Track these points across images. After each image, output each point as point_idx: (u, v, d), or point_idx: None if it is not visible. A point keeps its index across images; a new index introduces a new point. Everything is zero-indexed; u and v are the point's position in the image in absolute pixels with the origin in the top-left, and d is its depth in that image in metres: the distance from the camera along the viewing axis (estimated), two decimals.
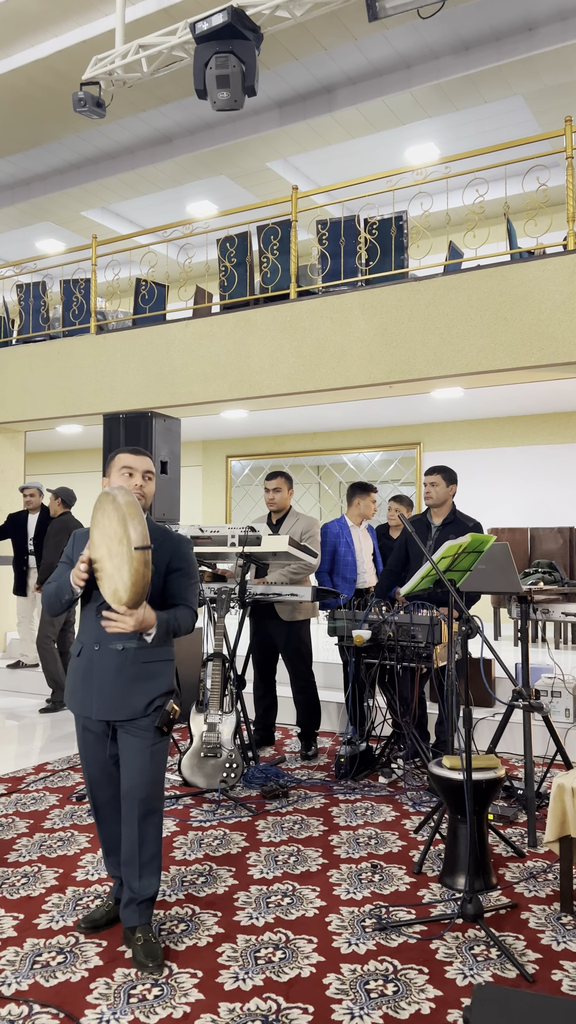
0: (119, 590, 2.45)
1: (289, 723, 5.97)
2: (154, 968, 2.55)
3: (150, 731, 2.67)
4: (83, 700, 2.70)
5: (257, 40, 5.09)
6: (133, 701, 2.66)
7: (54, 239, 11.46)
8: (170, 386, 7.17)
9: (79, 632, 2.77)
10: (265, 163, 8.89)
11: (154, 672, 2.71)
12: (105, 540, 2.51)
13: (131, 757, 2.67)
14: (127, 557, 2.40)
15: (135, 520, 2.40)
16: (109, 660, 2.66)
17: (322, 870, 3.35)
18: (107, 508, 2.50)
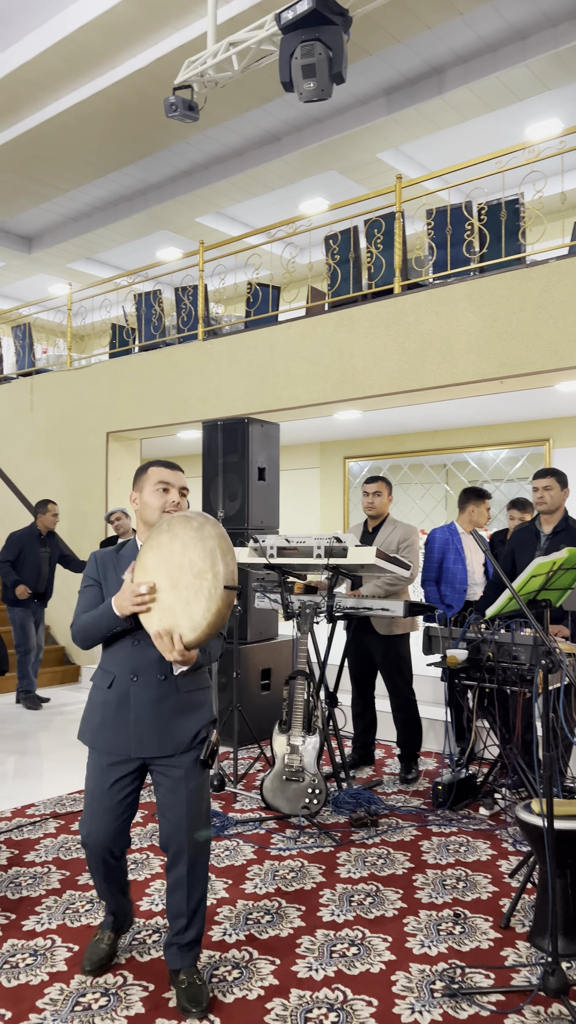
0: (180, 626, 2.28)
1: (392, 740, 5.68)
2: (197, 1014, 2.40)
3: (194, 766, 2.48)
4: (115, 737, 2.48)
5: (345, 24, 4.84)
6: (178, 734, 2.47)
7: (172, 247, 11.63)
8: (273, 390, 7.03)
9: (105, 661, 2.55)
10: (375, 154, 8.60)
11: (198, 701, 2.54)
12: (168, 568, 2.31)
13: (176, 798, 2.47)
14: (207, 593, 2.24)
15: (229, 555, 2.25)
16: (149, 691, 2.47)
17: (398, 916, 3.07)
18: (179, 533, 2.31)
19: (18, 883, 3.38)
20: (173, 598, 2.30)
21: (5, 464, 9.51)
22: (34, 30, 6.90)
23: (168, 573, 2.32)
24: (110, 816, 2.50)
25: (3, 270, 12.09)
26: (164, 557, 2.33)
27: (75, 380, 8.77)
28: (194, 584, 2.26)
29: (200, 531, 2.28)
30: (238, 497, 5.87)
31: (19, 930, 2.97)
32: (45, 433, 9.06)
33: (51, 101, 7.61)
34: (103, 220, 10.38)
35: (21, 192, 9.43)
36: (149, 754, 2.47)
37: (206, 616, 2.24)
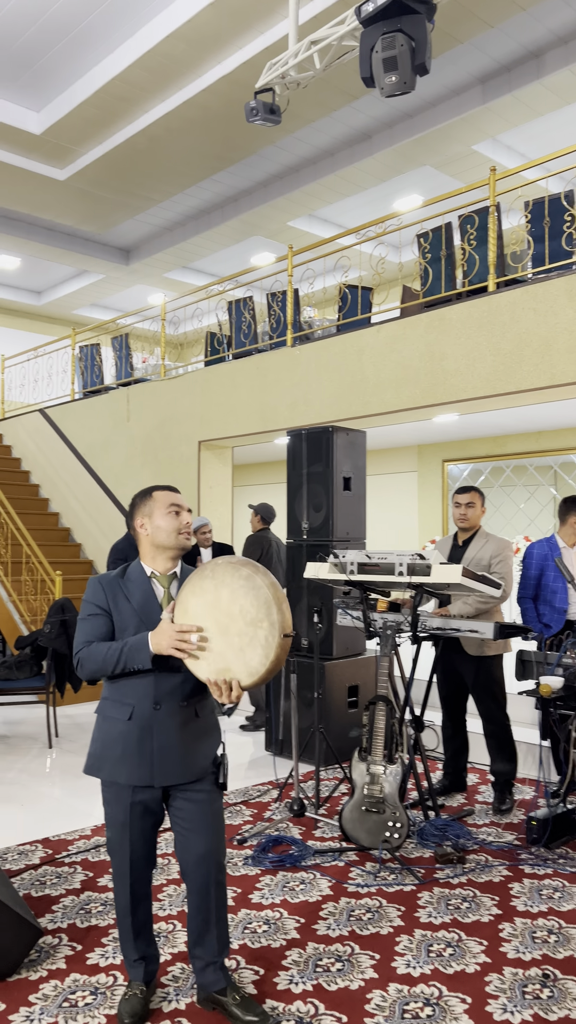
0: (236, 672, 2.31)
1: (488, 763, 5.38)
2: (261, 1021, 2.44)
3: (213, 788, 2.51)
4: (137, 767, 2.43)
5: (429, 12, 4.59)
6: (200, 759, 2.50)
7: (266, 252, 11.58)
8: (362, 395, 6.83)
9: (121, 692, 2.46)
10: (471, 146, 8.25)
11: (212, 725, 2.59)
12: (216, 614, 2.34)
13: (199, 821, 2.48)
14: (264, 641, 2.29)
15: (284, 604, 2.30)
16: (173, 719, 2.45)
17: (480, 972, 2.83)
18: (226, 580, 2.34)
19: (88, 910, 3.33)
20: (224, 645, 2.33)
21: (104, 473, 9.69)
22: (120, 46, 6.96)
23: (216, 619, 2.34)
24: (139, 844, 2.51)
25: (103, 282, 12.36)
26: (210, 603, 2.35)
27: (168, 390, 8.83)
28: (248, 632, 2.31)
29: (250, 580, 2.32)
30: (323, 508, 5.70)
31: (83, 963, 2.90)
32: (140, 442, 9.17)
33: (140, 114, 7.66)
34: (196, 229, 10.43)
35: (116, 205, 9.58)
36: (172, 781, 2.46)
37: (264, 663, 2.29)
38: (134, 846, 2.49)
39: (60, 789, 4.98)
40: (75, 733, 6.43)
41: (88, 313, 14.25)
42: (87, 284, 12.56)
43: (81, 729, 6.57)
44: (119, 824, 2.49)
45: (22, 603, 8.32)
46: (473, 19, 6.15)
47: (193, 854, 2.48)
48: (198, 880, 2.49)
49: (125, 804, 2.47)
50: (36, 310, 14.05)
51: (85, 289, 12.77)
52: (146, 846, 2.52)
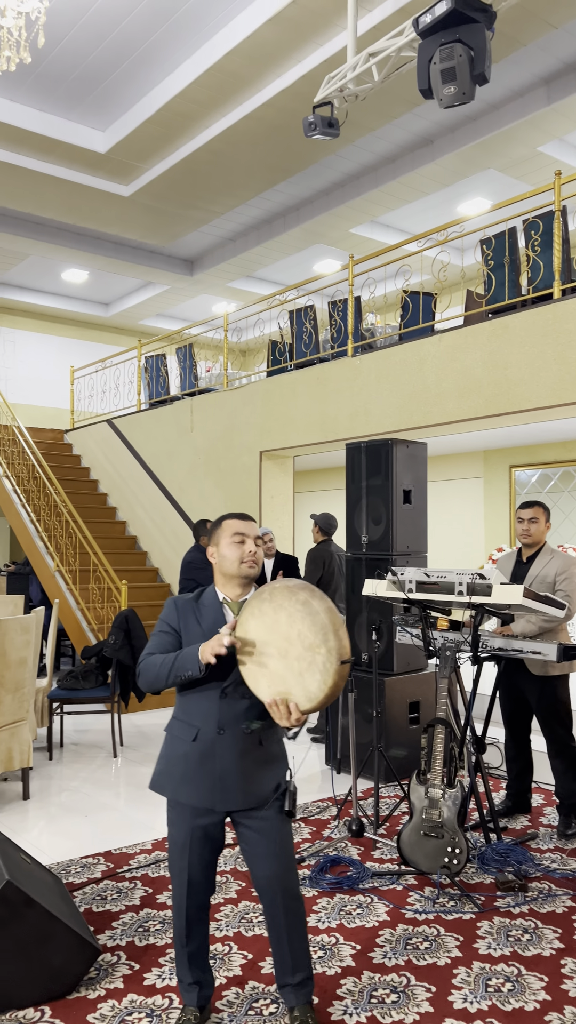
0: (295, 695, 2.34)
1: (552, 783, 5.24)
2: None
3: (278, 816, 2.53)
4: (199, 790, 2.49)
5: (488, 20, 4.51)
6: (262, 786, 2.53)
7: (329, 259, 11.56)
8: (423, 405, 6.75)
9: (188, 713, 2.53)
10: (536, 148, 8.07)
11: (277, 753, 2.61)
12: (275, 637, 2.37)
13: (263, 847, 2.52)
14: (322, 666, 2.30)
15: (341, 630, 2.31)
16: (234, 744, 2.50)
17: (539, 1011, 2.76)
18: (284, 604, 2.37)
19: (147, 928, 3.38)
20: (284, 668, 2.36)
21: (168, 482, 9.83)
22: (180, 64, 7.05)
23: (276, 642, 2.38)
24: (199, 866, 2.55)
25: (168, 293, 12.55)
26: (269, 626, 2.39)
27: (230, 400, 8.90)
28: (306, 657, 2.33)
29: (307, 605, 2.33)
30: (382, 521, 5.66)
31: (140, 983, 2.95)
32: (204, 452, 9.27)
33: (201, 129, 7.75)
34: (259, 238, 10.49)
35: (179, 219, 9.71)
36: (233, 807, 2.50)
37: (322, 689, 2.31)
38: (192, 869, 2.54)
39: (123, 800, 5.07)
40: (140, 742, 6.53)
41: (154, 323, 14.49)
42: (152, 295, 12.77)
43: (146, 737, 6.67)
44: (179, 845, 2.55)
45: (89, 611, 8.51)
46: (536, 21, 6.01)
47: (259, 879, 2.54)
48: (266, 903, 2.56)
49: (187, 827, 2.53)
50: (104, 321, 14.35)
51: (151, 300, 12.98)
52: (204, 871, 2.57)
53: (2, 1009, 2.77)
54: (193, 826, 2.52)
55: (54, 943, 2.84)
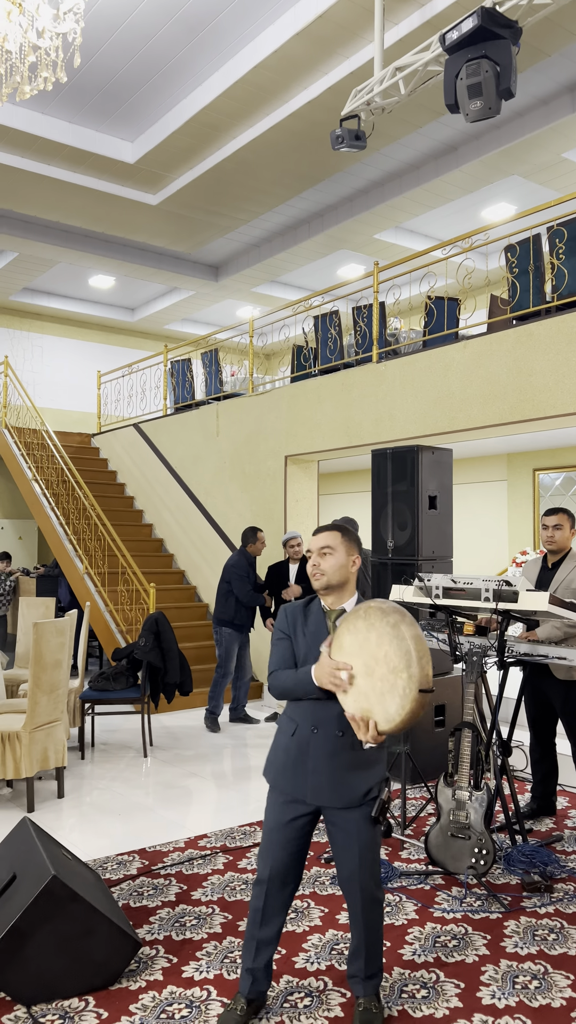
0: (375, 714, 2.44)
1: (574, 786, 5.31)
2: None
3: (365, 820, 2.65)
4: (294, 780, 2.68)
5: (514, 36, 4.59)
6: (350, 789, 2.65)
7: (353, 264, 11.65)
8: (447, 411, 6.83)
9: (291, 709, 2.74)
10: (560, 155, 8.12)
11: (371, 760, 2.68)
12: (365, 656, 2.48)
13: (347, 846, 2.68)
14: (402, 691, 2.39)
15: (425, 659, 2.39)
16: (326, 744, 2.65)
17: (566, 1008, 2.85)
18: (375, 623, 2.47)
19: (183, 923, 3.50)
20: (368, 686, 2.47)
21: (194, 486, 9.97)
22: (209, 77, 7.18)
23: (364, 660, 2.48)
24: (285, 852, 2.70)
25: (193, 298, 12.69)
26: (360, 643, 2.50)
27: (256, 405, 9.02)
28: (389, 679, 2.43)
29: (396, 629, 2.44)
30: (408, 527, 5.75)
31: (179, 976, 3.06)
32: (229, 457, 9.40)
33: (228, 140, 7.88)
34: (284, 244, 10.60)
35: (205, 226, 9.85)
36: (322, 803, 2.66)
37: (400, 713, 2.40)
38: (276, 856, 2.70)
39: (154, 799, 5.20)
40: (168, 742, 6.67)
41: (179, 328, 14.65)
42: (178, 300, 12.92)
43: (174, 737, 6.81)
44: (270, 829, 2.73)
45: (118, 613, 8.66)
46: (560, 31, 6.07)
47: (341, 875, 2.71)
48: (348, 899, 2.72)
49: (278, 813, 2.72)
50: (130, 326, 14.53)
51: (176, 305, 13.14)
52: (289, 859, 2.70)
53: (48, 999, 2.90)
54: (285, 814, 2.70)
55: (97, 937, 2.96)
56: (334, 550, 2.67)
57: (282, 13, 6.26)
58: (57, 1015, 2.82)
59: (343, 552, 2.68)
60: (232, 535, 9.24)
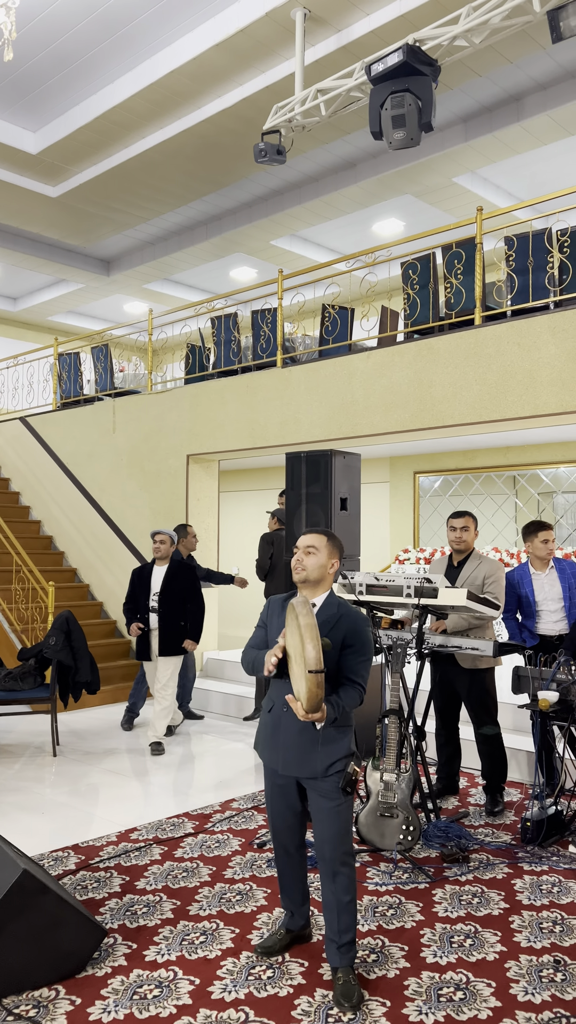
0: (299, 691, 2.74)
1: (475, 767, 5.77)
2: (348, 1009, 2.83)
3: (335, 791, 2.95)
4: (272, 753, 3.04)
5: (434, 73, 4.95)
6: (314, 762, 2.95)
7: (246, 267, 11.86)
8: (352, 417, 7.18)
9: (270, 689, 3.09)
10: (451, 179, 8.66)
11: (333, 737, 2.98)
12: (291, 644, 2.82)
13: (318, 815, 2.98)
14: (302, 674, 2.66)
15: (313, 642, 2.64)
16: (293, 722, 2.97)
17: (499, 960, 3.19)
18: (291, 619, 2.79)
19: (134, 911, 3.61)
20: (296, 671, 2.80)
21: (88, 482, 9.87)
22: (121, 76, 7.18)
23: (292, 649, 2.81)
24: (277, 813, 3.12)
25: (82, 291, 12.49)
26: (290, 635, 2.84)
27: (156, 403, 9.06)
28: (299, 664, 2.74)
29: (297, 620, 2.72)
30: (320, 526, 6.02)
31: (142, 960, 3.19)
32: (127, 454, 9.38)
33: (137, 139, 7.89)
34: (180, 244, 10.66)
35: (103, 221, 9.76)
36: (291, 773, 3.00)
37: (302, 692, 2.71)
38: (273, 819, 3.15)
39: (74, 796, 5.22)
40: (74, 740, 6.65)
41: (63, 320, 14.35)
42: (65, 292, 12.67)
43: (80, 737, 6.78)
44: (267, 796, 3.16)
45: (12, 612, 8.47)
46: (464, 69, 6.54)
47: (317, 841, 2.99)
48: (322, 865, 3.00)
49: (268, 780, 3.13)
50: (11, 316, 14.09)
51: (63, 297, 12.88)
52: (283, 821, 3.13)
53: (18, 991, 2.95)
54: (272, 783, 3.10)
55: (65, 927, 3.04)
56: (318, 550, 2.95)
57: (202, 22, 6.38)
58: (31, 1005, 2.88)
59: (325, 554, 2.99)
60: (130, 533, 9.24)
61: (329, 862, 2.96)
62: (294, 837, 3.16)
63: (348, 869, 2.98)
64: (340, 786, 2.93)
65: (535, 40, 6.11)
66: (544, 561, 5.23)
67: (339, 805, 2.96)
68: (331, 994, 2.94)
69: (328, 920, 2.99)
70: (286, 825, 3.15)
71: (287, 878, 3.23)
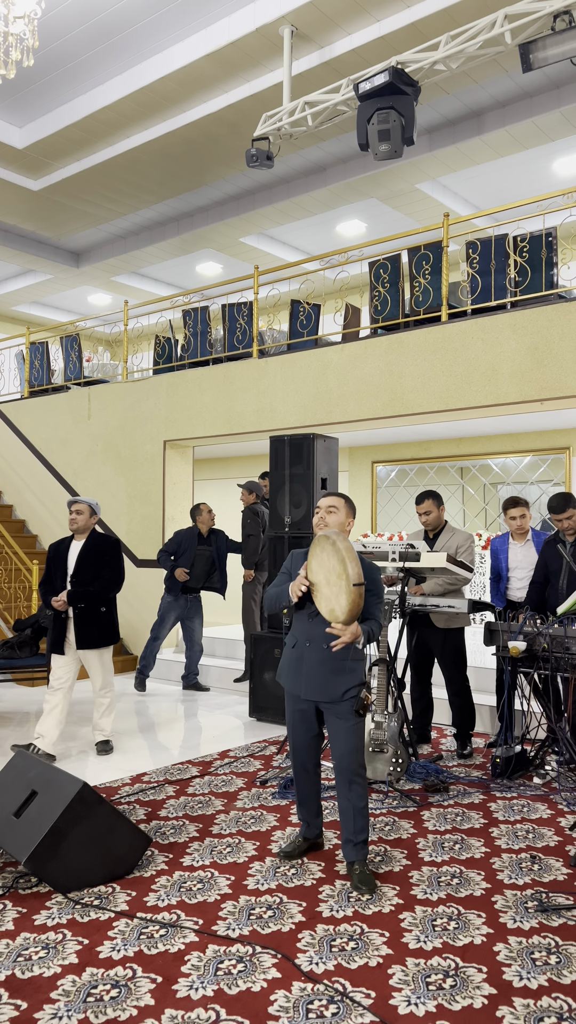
0: (336, 610, 3.26)
1: (443, 723, 6.38)
2: (366, 891, 3.36)
3: (349, 713, 3.47)
4: (294, 681, 3.56)
5: (415, 93, 5.51)
6: (333, 688, 3.48)
7: (213, 262, 12.28)
8: (326, 405, 7.71)
9: (292, 628, 3.59)
10: (414, 185, 9.26)
11: (349, 667, 3.50)
12: (323, 570, 3.30)
13: (335, 733, 3.49)
14: (345, 589, 3.18)
15: (353, 562, 3.19)
16: (315, 655, 3.51)
17: (485, 857, 3.77)
18: (326, 547, 3.28)
19: (163, 832, 4.07)
20: (329, 592, 3.31)
21: (63, 468, 10.18)
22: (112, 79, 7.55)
23: (324, 574, 3.33)
24: (297, 734, 3.63)
25: (49, 282, 12.73)
26: (320, 563, 3.35)
27: (131, 391, 9.44)
28: (338, 583, 3.28)
29: (334, 546, 3.28)
30: (302, 505, 6.55)
31: (181, 866, 3.66)
32: (102, 440, 9.73)
33: (122, 139, 8.27)
34: (151, 239, 11.03)
35: (80, 215, 10.08)
36: (313, 698, 3.51)
37: (348, 604, 3.26)
38: (294, 740, 3.65)
39: (80, 751, 5.63)
40: (71, 707, 7.02)
41: (27, 310, 14.52)
42: (32, 283, 12.89)
43: (72, 703, 7.16)
44: (288, 721, 3.65)
45: None
46: (433, 88, 7.13)
47: (335, 756, 3.48)
48: (339, 776, 3.48)
49: (292, 707, 3.63)
50: None
51: (29, 288, 13.09)
52: (303, 742, 3.63)
53: (80, 887, 3.40)
54: (294, 708, 3.61)
55: (118, 834, 3.49)
56: (338, 510, 3.49)
57: (195, 32, 6.82)
58: (94, 897, 3.34)
59: (344, 512, 3.55)
60: (105, 516, 9.59)
61: (346, 773, 3.47)
62: (312, 756, 3.68)
63: (361, 780, 3.49)
64: (354, 708, 3.46)
65: (500, 65, 6.74)
66: (520, 534, 5.81)
67: (354, 725, 3.48)
68: (347, 884, 3.46)
69: (344, 824, 3.49)
70: (306, 745, 3.65)
71: (304, 793, 3.74)
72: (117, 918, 3.17)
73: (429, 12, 6.14)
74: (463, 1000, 2.62)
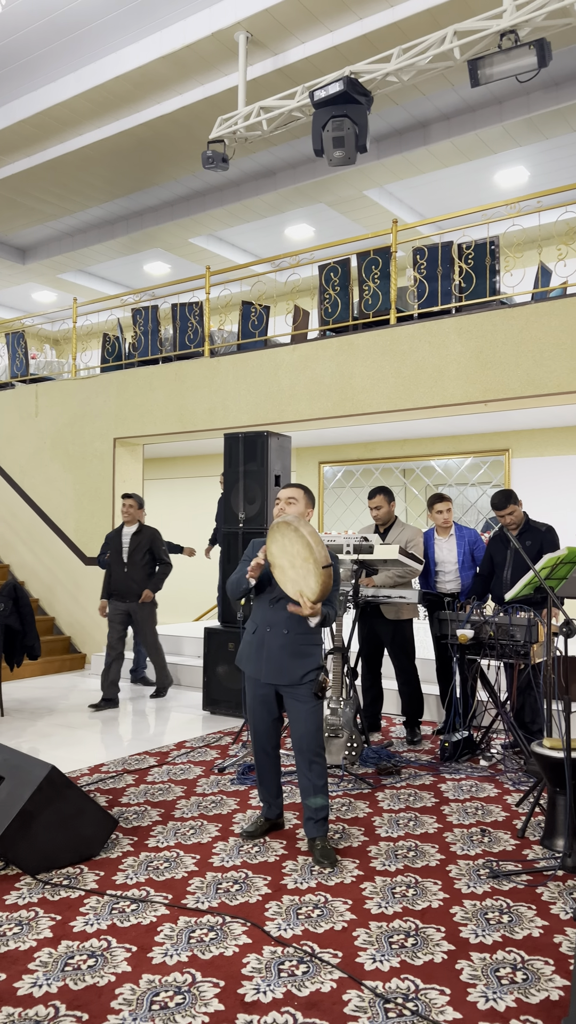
0: (305, 591, 3.39)
1: (391, 712, 6.58)
2: (328, 864, 3.52)
3: (308, 696, 3.62)
4: (255, 666, 3.69)
5: (368, 103, 5.71)
6: (292, 671, 3.62)
7: (161, 262, 12.32)
8: (278, 405, 7.86)
9: (253, 615, 3.74)
10: (362, 191, 9.49)
11: (307, 652, 3.65)
12: (286, 554, 3.42)
13: (295, 715, 3.63)
14: (314, 571, 3.32)
15: (319, 546, 3.33)
16: (276, 639, 3.65)
17: (439, 832, 3.96)
18: (287, 532, 3.39)
19: (126, 817, 4.15)
20: (296, 574, 3.44)
21: (9, 466, 10.08)
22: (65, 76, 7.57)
23: (288, 558, 3.45)
24: (258, 718, 3.76)
25: None
26: (282, 548, 3.47)
27: (81, 388, 9.42)
28: (305, 566, 3.40)
29: (297, 531, 3.38)
30: (256, 500, 6.68)
31: (146, 847, 3.75)
32: (50, 438, 9.68)
33: (75, 136, 8.27)
34: (99, 237, 11.02)
35: (27, 211, 10.03)
36: (274, 682, 3.65)
37: (316, 586, 3.39)
38: (255, 724, 3.79)
39: (35, 744, 5.64)
40: (19, 704, 6.99)
41: None
42: None
43: (23, 702, 7.13)
44: (249, 706, 3.78)
45: None
46: (383, 98, 7.35)
47: (295, 738, 3.63)
48: (299, 757, 3.63)
49: (252, 692, 3.75)
50: None
51: None
52: (263, 726, 3.76)
53: (48, 869, 3.46)
54: (255, 693, 3.73)
55: (86, 816, 3.57)
56: (297, 500, 3.63)
57: (150, 34, 6.90)
58: (63, 878, 3.40)
59: (303, 503, 3.69)
60: (53, 514, 9.55)
61: (306, 753, 3.62)
62: (272, 738, 3.82)
63: (321, 760, 3.64)
64: (313, 691, 3.60)
65: (447, 79, 7.00)
66: (443, 528, 6.03)
67: (312, 707, 3.63)
68: (310, 859, 3.61)
69: (305, 800, 3.63)
70: (266, 728, 3.79)
71: (265, 774, 3.88)
72: (88, 896, 3.24)
73: (380, 25, 6.36)
74: (424, 956, 2.79)
